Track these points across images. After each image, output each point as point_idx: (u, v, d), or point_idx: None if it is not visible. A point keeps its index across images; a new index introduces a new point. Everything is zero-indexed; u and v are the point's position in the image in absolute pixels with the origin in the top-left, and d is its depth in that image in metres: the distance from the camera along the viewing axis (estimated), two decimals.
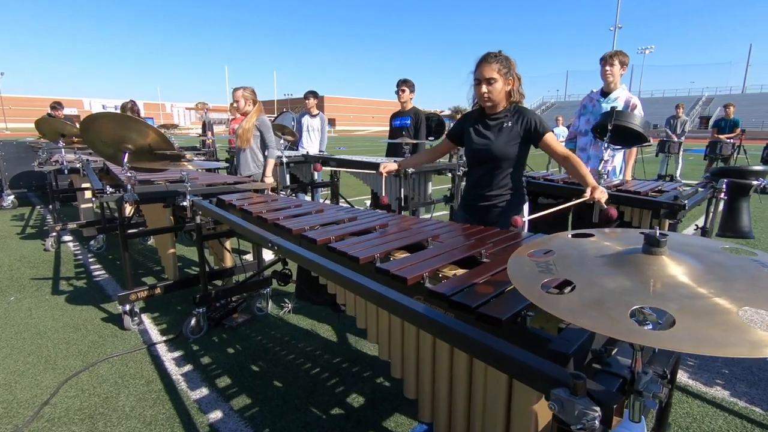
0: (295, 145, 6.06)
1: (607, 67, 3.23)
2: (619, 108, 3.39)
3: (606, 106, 3.40)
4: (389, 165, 2.42)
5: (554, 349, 0.91)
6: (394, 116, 4.92)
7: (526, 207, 2.22)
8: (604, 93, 3.39)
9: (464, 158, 4.27)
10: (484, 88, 1.99)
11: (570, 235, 0.98)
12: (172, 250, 3.26)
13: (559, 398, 0.71)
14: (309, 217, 2.06)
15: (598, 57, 3.40)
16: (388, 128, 5.22)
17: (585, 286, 0.72)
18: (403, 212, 4.01)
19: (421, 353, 1.13)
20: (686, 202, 2.24)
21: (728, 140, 9.00)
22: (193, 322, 2.77)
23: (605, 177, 2.45)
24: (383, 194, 4.31)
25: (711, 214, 2.84)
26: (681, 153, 9.92)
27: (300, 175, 5.69)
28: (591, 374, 0.87)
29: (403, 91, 4.74)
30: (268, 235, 1.79)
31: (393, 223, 1.93)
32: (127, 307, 2.87)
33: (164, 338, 2.79)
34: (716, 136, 9.22)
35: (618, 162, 3.35)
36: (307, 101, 5.99)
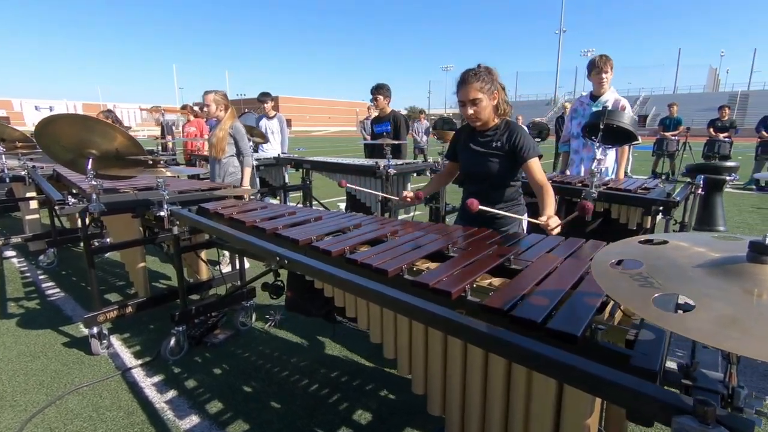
0: (255, 148, 5.81)
1: (603, 75, 3.29)
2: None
3: (595, 110, 3.48)
4: (410, 193, 2.26)
5: (639, 366, 0.85)
6: (375, 122, 4.89)
7: (525, 216, 2.18)
8: (594, 96, 3.45)
9: (443, 161, 4.26)
10: (470, 110, 1.93)
11: (638, 242, 0.93)
12: (142, 264, 2.99)
13: (685, 428, 0.64)
14: (310, 226, 1.92)
15: (545, 59, 3.53)
16: (348, 128, 5.18)
17: (704, 303, 0.66)
18: (386, 214, 3.92)
19: (459, 370, 1.04)
20: (678, 198, 2.30)
21: (673, 137, 9.60)
22: (172, 341, 2.54)
23: (598, 176, 2.48)
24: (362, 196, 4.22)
25: (689, 209, 2.95)
26: (630, 150, 10.48)
27: (270, 179, 5.46)
28: (684, 391, 0.82)
29: (377, 98, 4.66)
30: (272, 247, 1.64)
31: (402, 229, 1.84)
32: (95, 330, 2.58)
33: (140, 362, 2.54)
34: (662, 133, 9.83)
35: (610, 162, 3.42)
36: (264, 104, 5.67)
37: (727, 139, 8.95)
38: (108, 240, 4.41)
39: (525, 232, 2.16)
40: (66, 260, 4.44)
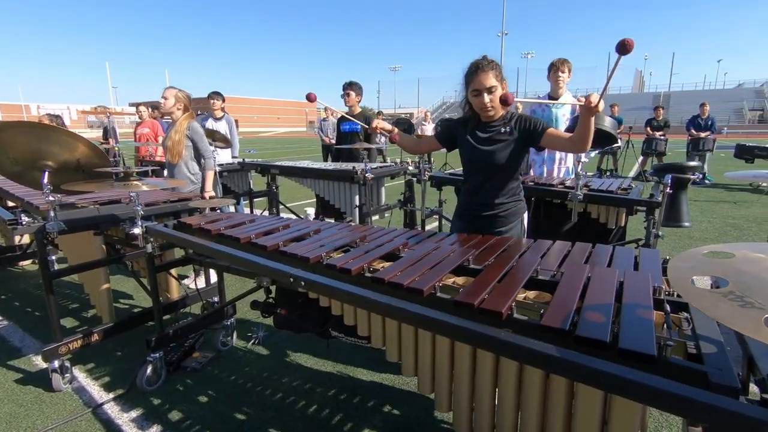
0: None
1: (560, 74, 3.40)
2: (567, 112, 3.61)
3: (555, 111, 3.59)
4: (386, 125, 2.26)
5: (719, 383, 0.84)
6: (342, 120, 4.70)
7: (525, 215, 2.20)
8: (551, 97, 3.56)
9: (428, 163, 4.23)
10: (486, 99, 1.91)
11: (702, 254, 0.92)
12: (106, 286, 2.70)
13: None
14: (313, 241, 1.80)
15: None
16: (297, 129, 5.00)
17: None
18: (368, 220, 3.83)
19: (513, 391, 1.00)
20: (659, 199, 2.41)
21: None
22: (149, 370, 2.31)
23: (582, 177, 2.55)
24: (336, 202, 4.10)
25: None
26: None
27: (233, 185, 5.18)
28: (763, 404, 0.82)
29: (348, 95, 4.54)
30: (280, 266, 1.51)
31: (411, 239, 1.77)
32: (56, 364, 2.30)
33: (112, 395, 2.29)
34: None
35: (570, 162, 3.55)
36: (212, 103, 5.19)
37: (662, 137, 9.69)
38: (54, 258, 3.98)
39: (525, 231, 2.17)
40: (3, 282, 3.96)
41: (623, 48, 1.28)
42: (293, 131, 64.40)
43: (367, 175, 3.68)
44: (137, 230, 2.11)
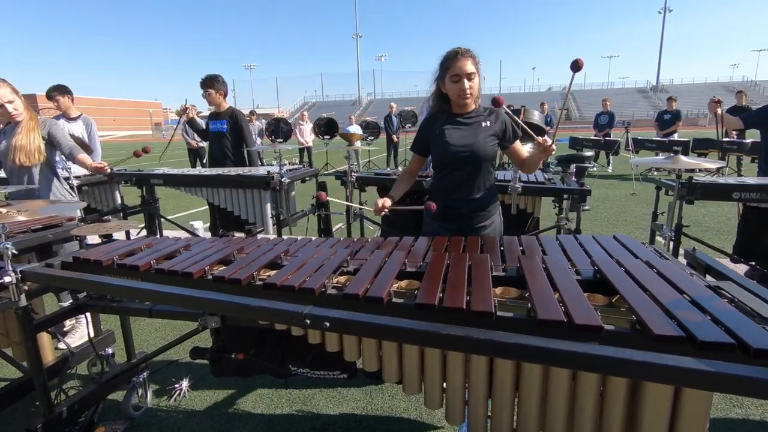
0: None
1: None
2: None
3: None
4: (387, 201, 1.93)
5: None
6: (211, 119, 4.00)
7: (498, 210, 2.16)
8: None
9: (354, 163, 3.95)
10: (466, 84, 1.84)
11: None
12: None
13: None
14: (303, 263, 1.45)
15: (346, 61, 3.65)
16: (141, 132, 4.33)
17: None
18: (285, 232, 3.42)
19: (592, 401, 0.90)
20: (588, 187, 2.63)
21: None
22: None
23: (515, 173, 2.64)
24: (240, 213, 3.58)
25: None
26: None
27: (94, 202, 4.17)
28: None
29: (209, 93, 3.84)
30: (292, 307, 1.14)
31: (415, 247, 1.56)
32: None
33: None
34: None
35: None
36: (58, 100, 4.05)
37: None
38: None
39: (502, 222, 2.13)
40: None
41: (576, 66, 1.51)
42: (136, 134, 56.33)
43: (283, 180, 3.28)
44: (8, 278, 1.45)
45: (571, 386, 0.96)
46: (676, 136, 9.64)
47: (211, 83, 3.82)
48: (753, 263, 3.00)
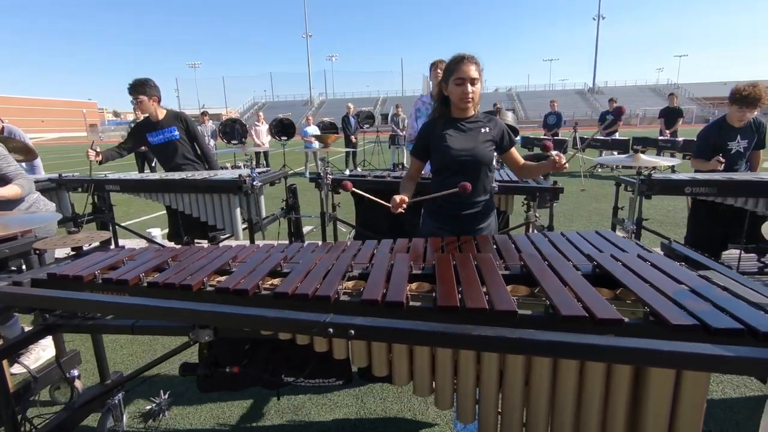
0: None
1: (438, 71, 3.54)
2: None
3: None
4: (405, 197, 1.90)
5: None
6: (148, 131, 3.50)
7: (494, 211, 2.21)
8: (433, 96, 3.71)
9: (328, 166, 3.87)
10: (469, 88, 1.90)
11: None
12: None
13: None
14: (309, 270, 1.40)
15: (295, 60, 3.57)
16: (74, 134, 3.95)
17: None
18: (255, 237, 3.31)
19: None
20: (561, 186, 2.75)
21: None
22: None
23: (497, 171, 2.71)
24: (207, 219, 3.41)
25: None
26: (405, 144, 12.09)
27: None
28: None
29: (140, 101, 3.34)
30: (311, 316, 1.10)
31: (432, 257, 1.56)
32: None
33: None
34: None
35: None
36: None
37: None
38: None
39: (496, 230, 2.18)
40: None
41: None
42: (69, 137, 52.17)
43: (255, 183, 3.18)
44: None
45: (579, 377, 1.00)
46: (617, 135, 10.33)
47: (142, 89, 3.34)
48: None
